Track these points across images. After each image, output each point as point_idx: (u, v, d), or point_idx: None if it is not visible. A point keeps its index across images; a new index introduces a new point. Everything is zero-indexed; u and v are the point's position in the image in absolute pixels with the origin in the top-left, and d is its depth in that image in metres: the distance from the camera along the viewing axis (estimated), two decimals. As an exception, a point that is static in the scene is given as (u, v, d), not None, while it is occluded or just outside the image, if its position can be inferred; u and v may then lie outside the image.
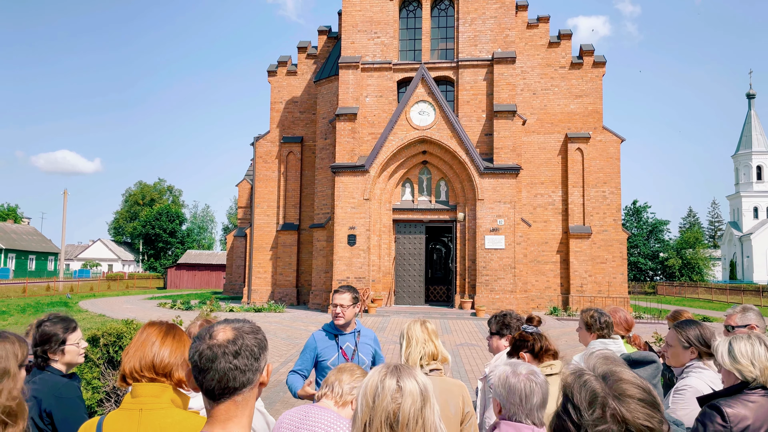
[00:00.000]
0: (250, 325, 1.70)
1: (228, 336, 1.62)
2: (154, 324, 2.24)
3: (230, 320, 1.73)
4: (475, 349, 13.56)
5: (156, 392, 2.01)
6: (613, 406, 1.30)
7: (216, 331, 1.64)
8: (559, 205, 25.77)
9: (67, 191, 42.67)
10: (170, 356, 2.11)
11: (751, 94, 73.30)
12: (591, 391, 1.33)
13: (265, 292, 27.46)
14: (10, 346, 2.10)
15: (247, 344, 1.62)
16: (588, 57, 26.25)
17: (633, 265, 57.98)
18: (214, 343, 1.61)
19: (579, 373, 1.39)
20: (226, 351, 1.59)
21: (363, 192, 23.07)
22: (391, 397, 1.57)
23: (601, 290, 25.16)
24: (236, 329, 1.65)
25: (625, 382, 1.33)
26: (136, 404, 1.99)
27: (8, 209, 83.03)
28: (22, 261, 66.29)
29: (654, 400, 1.33)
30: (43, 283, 39.54)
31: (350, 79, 23.91)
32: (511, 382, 2.25)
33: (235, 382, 1.59)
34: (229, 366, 1.58)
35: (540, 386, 2.25)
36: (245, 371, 1.60)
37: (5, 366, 2.03)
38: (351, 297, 4.16)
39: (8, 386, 1.99)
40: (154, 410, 1.97)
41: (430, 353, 3.16)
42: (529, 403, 2.22)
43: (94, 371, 6.62)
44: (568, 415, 1.35)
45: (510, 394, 2.23)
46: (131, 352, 2.11)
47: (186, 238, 75.13)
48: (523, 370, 2.28)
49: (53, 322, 3.04)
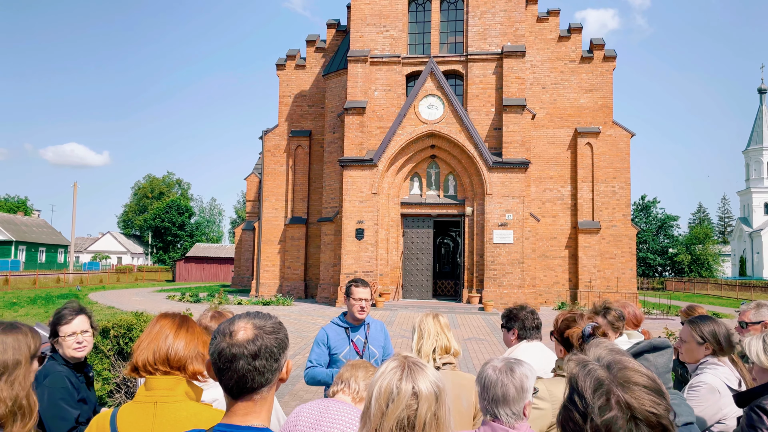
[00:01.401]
0: (272, 322, 1.66)
1: (248, 336, 1.58)
2: (167, 316, 2.21)
3: (252, 315, 1.68)
4: (483, 344, 13.55)
5: (170, 385, 2.00)
6: (618, 393, 1.29)
7: (236, 330, 1.60)
8: (568, 200, 25.64)
9: (77, 184, 42.89)
10: (184, 349, 2.09)
11: (763, 89, 72.55)
12: (596, 379, 1.33)
13: (273, 286, 27.54)
14: (23, 337, 2.11)
15: (266, 345, 1.58)
16: (598, 51, 26.05)
17: (642, 261, 57.68)
18: (234, 342, 1.57)
19: (584, 362, 1.39)
20: (245, 352, 1.56)
21: (371, 186, 23.05)
22: (406, 405, 1.52)
23: (609, 286, 25.05)
24: (257, 328, 1.61)
25: (629, 369, 1.33)
26: (150, 397, 1.98)
27: (18, 202, 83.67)
28: (32, 253, 66.82)
29: (659, 388, 1.32)
30: (53, 275, 39.83)
31: (359, 73, 23.86)
32: (484, 375, 2.20)
33: (254, 383, 1.57)
34: (247, 367, 1.56)
35: (510, 380, 2.15)
36: (264, 372, 1.57)
37: (18, 357, 2.04)
38: (371, 291, 4.20)
39: (20, 377, 2.00)
40: (168, 403, 1.96)
41: (443, 346, 3.15)
42: (488, 394, 2.14)
43: (104, 363, 6.66)
44: (574, 405, 1.34)
45: (484, 389, 2.18)
46: (144, 344, 2.09)
47: (195, 231, 75.47)
48: (499, 364, 2.21)
49: (59, 311, 3.09)
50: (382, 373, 1.61)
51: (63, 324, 3.05)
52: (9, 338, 2.06)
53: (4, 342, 2.05)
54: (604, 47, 26.03)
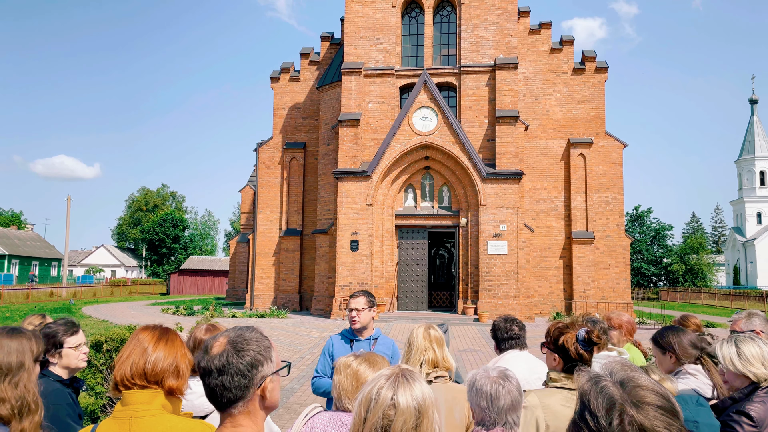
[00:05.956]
0: (250, 336, 1.68)
1: (217, 351, 1.64)
2: (147, 328, 2.17)
3: (236, 329, 1.72)
4: (478, 355, 13.53)
5: (146, 399, 1.97)
6: (632, 413, 1.26)
7: (213, 344, 1.66)
8: (561, 210, 25.73)
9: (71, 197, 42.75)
10: (162, 362, 2.04)
11: (754, 99, 73.22)
12: (609, 398, 1.30)
13: (267, 298, 27.45)
14: (26, 341, 2.26)
15: (232, 362, 1.61)
16: (590, 63, 26.27)
17: (636, 271, 57.85)
18: (206, 357, 1.64)
19: (596, 379, 1.36)
20: (212, 367, 1.62)
21: (366, 197, 23.08)
22: (383, 414, 1.51)
23: (604, 296, 25.09)
24: (230, 343, 1.65)
25: (643, 388, 1.31)
26: (126, 412, 1.94)
27: (12, 215, 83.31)
28: (25, 267, 66.43)
29: (673, 408, 1.30)
30: (47, 289, 39.58)
31: (353, 85, 23.97)
32: (478, 386, 2.22)
33: (222, 398, 1.62)
34: (215, 382, 1.62)
35: (508, 389, 2.20)
36: (231, 389, 1.61)
37: (22, 360, 2.19)
38: (366, 300, 4.17)
39: (24, 379, 2.16)
40: (144, 417, 1.93)
41: (430, 360, 3.14)
42: (496, 406, 2.17)
43: (97, 377, 6.62)
44: (585, 423, 1.32)
45: (478, 398, 2.20)
46: (123, 358, 2.05)
47: (189, 243, 75.23)
48: (494, 374, 2.23)
49: (56, 324, 3.07)
50: (372, 380, 1.62)
51: (70, 335, 3.02)
52: (13, 342, 2.22)
53: (8, 345, 2.20)
54: (596, 59, 26.25)
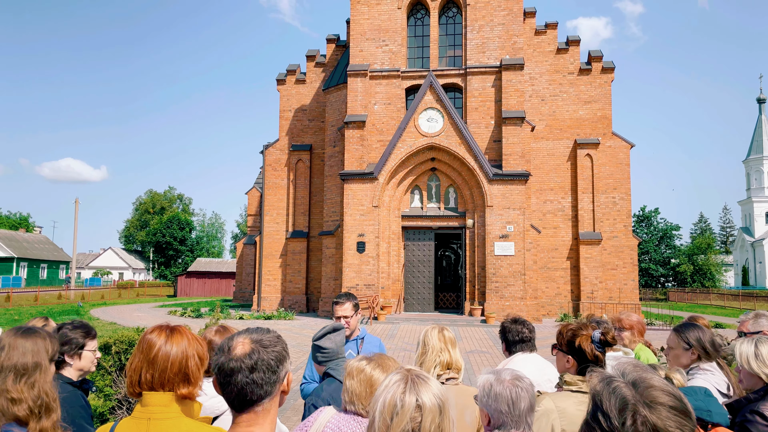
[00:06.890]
0: (270, 336, 1.73)
1: (245, 350, 1.67)
2: (154, 330, 2.11)
3: (251, 330, 1.75)
4: (486, 356, 13.50)
5: (165, 401, 1.96)
6: (645, 413, 1.27)
7: (235, 345, 1.69)
8: (568, 211, 25.65)
9: (78, 200, 42.98)
10: (171, 369, 1.98)
11: (762, 98, 72.81)
12: (621, 399, 1.31)
13: (274, 300, 27.49)
14: (41, 341, 2.27)
15: (263, 358, 1.66)
16: (597, 63, 26.19)
17: (644, 272, 57.54)
18: (232, 357, 1.66)
19: (609, 380, 1.36)
20: (243, 366, 1.65)
21: (372, 199, 23.09)
22: (411, 417, 1.53)
23: (612, 297, 24.98)
24: (255, 342, 1.69)
25: (656, 389, 1.31)
26: (144, 413, 1.95)
27: (20, 218, 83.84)
28: (34, 270, 66.83)
29: (685, 408, 1.30)
30: (55, 292, 39.80)
31: (359, 87, 24.00)
32: (496, 390, 2.20)
33: (253, 395, 1.66)
34: (245, 380, 1.64)
35: (526, 391, 2.19)
36: (262, 385, 1.65)
37: (38, 360, 2.20)
38: (352, 306, 4.20)
39: (41, 379, 2.17)
40: (162, 420, 1.92)
41: (444, 362, 3.15)
42: (517, 409, 2.16)
43: (106, 379, 6.65)
44: (597, 423, 1.32)
45: (496, 402, 2.17)
46: (135, 362, 2.02)
47: (196, 246, 75.47)
48: (507, 376, 2.22)
49: (74, 326, 3.13)
50: (386, 386, 1.60)
51: (91, 338, 3.10)
52: (28, 342, 2.23)
53: (23, 345, 2.21)
54: (602, 59, 26.17)
